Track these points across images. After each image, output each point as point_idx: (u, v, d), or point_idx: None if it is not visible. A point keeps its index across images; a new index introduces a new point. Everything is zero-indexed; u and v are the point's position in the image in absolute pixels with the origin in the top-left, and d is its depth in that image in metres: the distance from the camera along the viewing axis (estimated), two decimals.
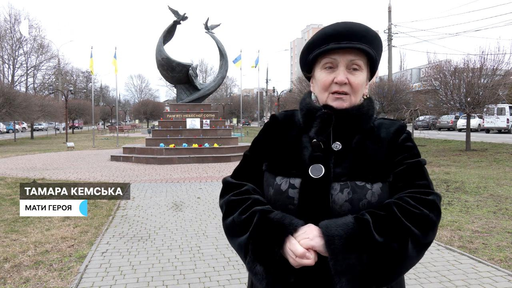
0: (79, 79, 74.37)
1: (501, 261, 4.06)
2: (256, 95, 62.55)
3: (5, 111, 24.50)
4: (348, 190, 1.16)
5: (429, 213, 1.13)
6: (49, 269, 3.95)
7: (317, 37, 1.26)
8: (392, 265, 1.08)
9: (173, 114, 16.22)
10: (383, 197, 1.18)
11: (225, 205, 1.28)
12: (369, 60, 1.26)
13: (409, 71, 48.40)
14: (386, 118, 1.33)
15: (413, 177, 1.21)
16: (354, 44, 1.20)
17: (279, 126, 1.34)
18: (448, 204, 6.54)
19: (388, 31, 28.44)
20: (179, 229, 5.49)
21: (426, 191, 1.18)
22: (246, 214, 1.19)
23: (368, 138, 1.25)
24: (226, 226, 1.26)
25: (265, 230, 1.13)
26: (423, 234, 1.11)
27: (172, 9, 16.17)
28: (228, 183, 1.34)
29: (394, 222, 1.10)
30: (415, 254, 1.11)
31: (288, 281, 1.13)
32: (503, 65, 14.91)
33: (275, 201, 1.22)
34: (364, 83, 1.25)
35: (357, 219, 1.09)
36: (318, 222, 1.12)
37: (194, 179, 9.98)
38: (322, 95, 1.25)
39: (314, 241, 1.08)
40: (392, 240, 1.07)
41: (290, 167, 1.23)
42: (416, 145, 1.29)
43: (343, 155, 1.21)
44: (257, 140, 1.38)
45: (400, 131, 1.27)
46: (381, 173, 1.20)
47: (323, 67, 1.24)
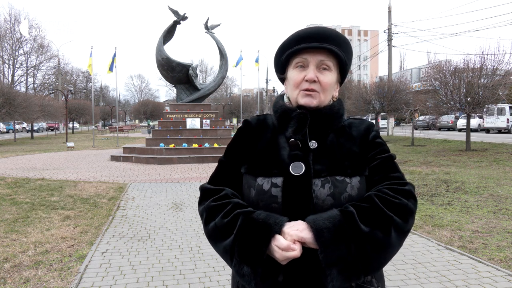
0: (79, 79, 74.51)
1: (501, 261, 4.06)
2: (256, 95, 62.58)
3: (5, 111, 24.51)
4: (329, 185, 1.21)
5: (407, 202, 1.21)
6: (49, 269, 3.95)
7: (290, 38, 1.33)
8: (378, 253, 1.13)
9: (173, 114, 16.22)
10: (362, 190, 1.25)
11: (205, 212, 1.28)
12: (339, 63, 1.32)
13: (409, 71, 48.47)
14: (355, 118, 1.41)
15: (387, 170, 1.29)
16: (324, 44, 1.27)
17: (253, 130, 1.38)
18: (448, 204, 6.54)
19: (388, 31, 28.42)
20: (179, 229, 5.49)
21: (401, 182, 1.26)
22: (229, 218, 1.20)
23: (341, 136, 1.32)
24: (209, 232, 1.27)
25: (250, 231, 1.15)
26: (404, 222, 1.18)
27: (172, 9, 16.17)
28: (206, 189, 1.34)
29: (377, 212, 1.15)
30: (398, 241, 1.17)
31: (277, 279, 1.16)
32: (503, 65, 14.91)
33: (258, 201, 1.24)
34: (333, 83, 1.31)
35: (342, 212, 1.14)
36: (303, 218, 1.15)
37: (194, 179, 9.99)
38: (293, 93, 1.31)
39: (303, 233, 1.11)
40: (377, 229, 1.13)
41: (270, 167, 1.27)
42: (385, 141, 1.37)
43: (320, 153, 1.27)
44: (232, 145, 1.40)
45: (369, 129, 1.34)
46: (358, 168, 1.27)
47: (295, 66, 1.30)
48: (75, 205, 6.89)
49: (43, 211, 6.45)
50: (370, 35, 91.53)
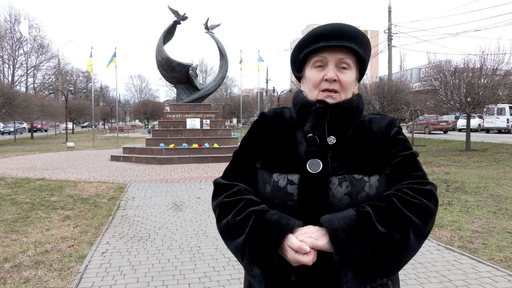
0: (79, 79, 74.41)
1: (501, 261, 4.06)
2: (256, 95, 62.55)
3: (5, 111, 24.50)
4: (347, 183, 1.17)
5: (428, 202, 1.16)
6: (49, 269, 3.95)
7: (307, 36, 1.28)
8: (396, 255, 1.09)
9: (173, 114, 16.21)
10: (381, 190, 1.20)
11: (218, 208, 1.26)
12: (358, 60, 1.28)
13: (409, 71, 48.42)
14: (376, 113, 1.35)
15: (409, 168, 1.23)
16: (343, 43, 1.23)
17: (269, 123, 1.33)
18: (448, 204, 6.54)
19: (388, 31, 28.40)
20: (179, 229, 5.48)
21: (422, 181, 1.21)
22: (241, 216, 1.18)
23: (361, 132, 1.27)
24: (221, 229, 1.25)
25: (262, 232, 1.12)
26: (423, 223, 1.13)
27: (172, 9, 16.17)
28: (219, 184, 1.31)
29: (395, 212, 1.11)
30: (417, 243, 1.13)
31: (289, 279, 1.13)
32: (503, 65, 14.91)
33: (273, 198, 1.21)
34: (353, 81, 1.27)
35: (358, 212, 1.10)
36: (318, 217, 1.12)
37: (194, 179, 9.98)
38: (312, 93, 1.27)
39: (319, 241, 1.07)
40: (395, 230, 1.09)
41: (287, 163, 1.23)
42: (407, 138, 1.32)
43: (339, 149, 1.23)
44: (247, 139, 1.36)
45: (391, 125, 1.29)
46: (378, 166, 1.22)
47: (313, 66, 1.26)
48: (75, 205, 6.89)
49: (43, 211, 6.45)
50: (370, 35, 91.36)
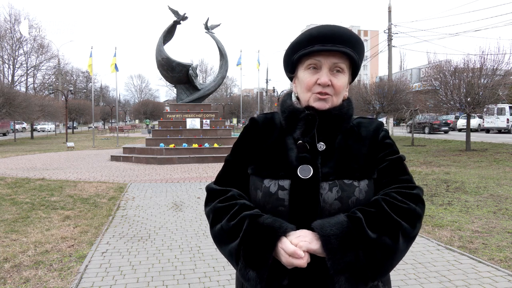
0: (79, 79, 74.47)
1: (501, 261, 4.06)
2: (256, 95, 62.54)
3: (5, 111, 24.50)
4: (337, 188, 1.19)
5: (415, 206, 1.19)
6: (49, 269, 3.95)
7: (302, 38, 1.28)
8: (386, 259, 1.12)
9: (173, 114, 16.21)
10: (370, 194, 1.23)
11: (212, 213, 1.27)
12: (352, 64, 1.29)
13: (409, 71, 48.41)
14: (364, 117, 1.37)
15: (396, 172, 1.26)
16: (338, 47, 1.23)
17: (260, 129, 1.34)
18: (448, 204, 6.54)
19: (388, 31, 28.39)
20: (179, 229, 5.49)
21: (410, 186, 1.23)
22: (235, 220, 1.18)
23: (350, 137, 1.29)
24: (215, 234, 1.26)
25: (256, 235, 1.13)
26: (412, 227, 1.17)
27: (172, 9, 16.16)
28: (212, 190, 1.32)
29: (385, 218, 1.14)
30: (405, 246, 1.16)
31: (281, 283, 1.14)
32: (503, 65, 14.90)
33: (264, 204, 1.22)
34: (346, 85, 1.29)
35: (350, 218, 1.12)
36: (310, 222, 1.13)
37: (194, 179, 9.98)
38: (304, 95, 1.28)
39: (312, 245, 1.09)
40: (385, 235, 1.12)
41: (277, 169, 1.24)
42: (394, 142, 1.34)
43: (328, 155, 1.24)
44: (238, 144, 1.37)
45: (378, 129, 1.31)
46: (367, 171, 1.24)
47: (307, 68, 1.26)
48: (75, 205, 6.89)
49: (43, 211, 6.45)
50: (370, 35, 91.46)
